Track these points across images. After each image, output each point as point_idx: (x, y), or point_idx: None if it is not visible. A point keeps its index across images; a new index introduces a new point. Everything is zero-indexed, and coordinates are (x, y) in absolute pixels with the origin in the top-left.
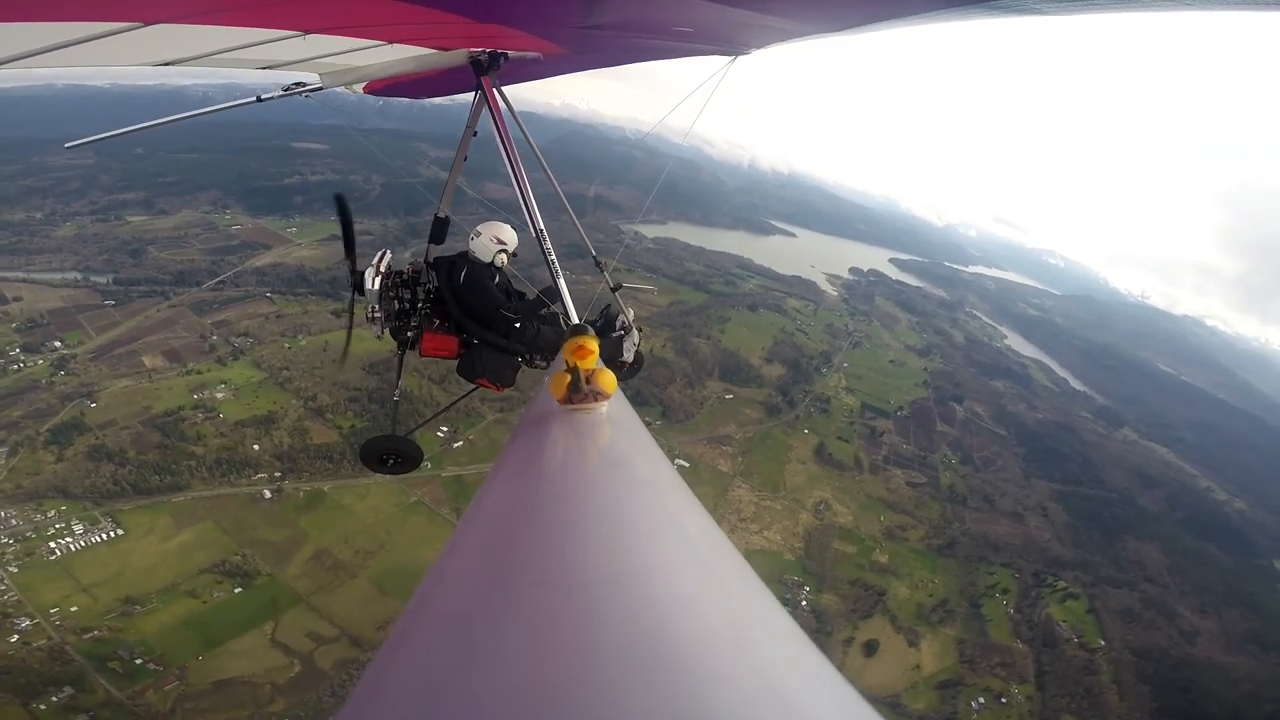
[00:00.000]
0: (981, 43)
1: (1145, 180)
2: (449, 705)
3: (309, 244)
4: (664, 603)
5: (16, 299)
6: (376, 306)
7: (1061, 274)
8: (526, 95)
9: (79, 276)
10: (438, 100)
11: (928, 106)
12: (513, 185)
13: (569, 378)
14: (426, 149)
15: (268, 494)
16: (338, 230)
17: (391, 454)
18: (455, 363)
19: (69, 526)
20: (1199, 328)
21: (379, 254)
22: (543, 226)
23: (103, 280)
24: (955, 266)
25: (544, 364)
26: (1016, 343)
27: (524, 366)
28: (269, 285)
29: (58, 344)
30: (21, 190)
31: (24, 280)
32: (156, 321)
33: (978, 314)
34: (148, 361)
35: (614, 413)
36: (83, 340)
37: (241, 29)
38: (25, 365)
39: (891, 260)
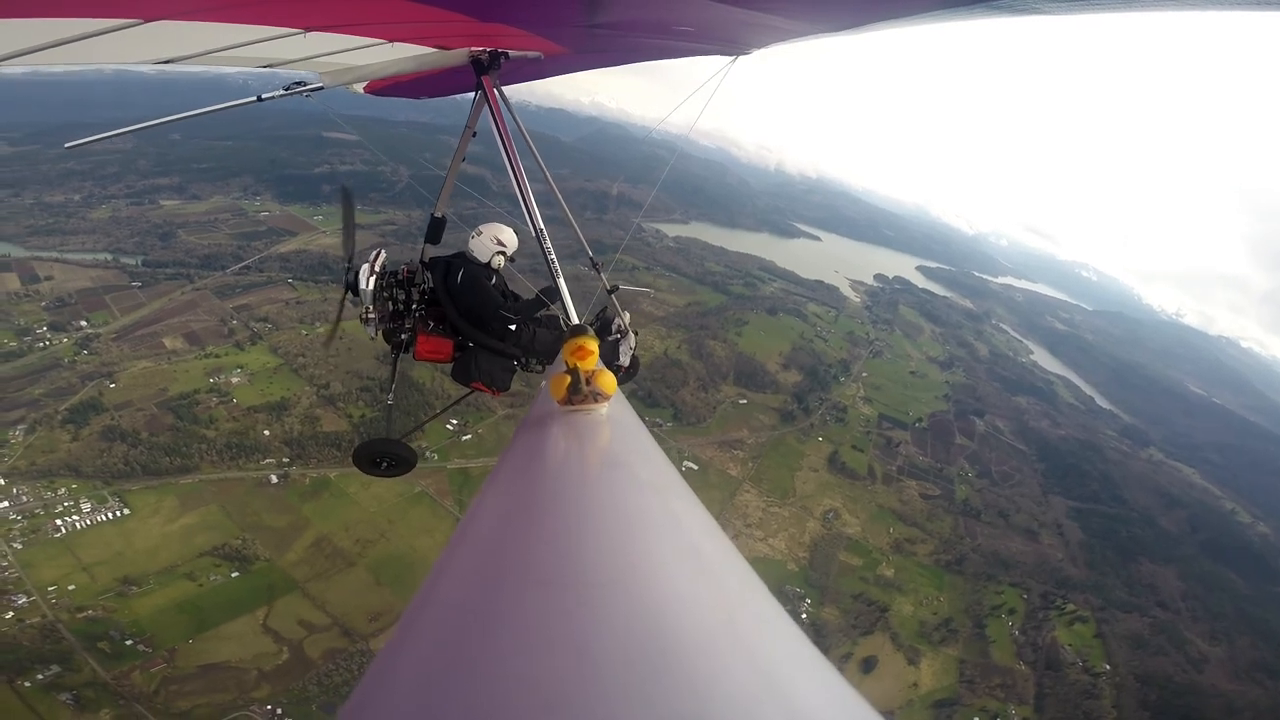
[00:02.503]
0: (1017, 51)
1: (1175, 188)
2: (451, 704)
3: (333, 232)
4: (665, 604)
5: (48, 278)
6: (370, 307)
7: (1094, 288)
8: (556, 92)
9: (109, 258)
10: (465, 94)
11: (962, 114)
12: (512, 185)
13: (569, 379)
14: (455, 143)
15: (274, 479)
16: (359, 220)
17: (385, 457)
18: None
19: (76, 505)
20: (1234, 349)
21: (375, 252)
22: (542, 226)
23: (132, 262)
24: (984, 277)
25: (540, 368)
26: (1043, 358)
27: (520, 370)
28: (292, 271)
29: (83, 323)
30: (62, 173)
31: (56, 260)
32: (180, 304)
33: (1004, 327)
34: (168, 343)
35: (614, 414)
36: (108, 320)
37: (241, 26)
38: (50, 343)
39: (918, 268)
